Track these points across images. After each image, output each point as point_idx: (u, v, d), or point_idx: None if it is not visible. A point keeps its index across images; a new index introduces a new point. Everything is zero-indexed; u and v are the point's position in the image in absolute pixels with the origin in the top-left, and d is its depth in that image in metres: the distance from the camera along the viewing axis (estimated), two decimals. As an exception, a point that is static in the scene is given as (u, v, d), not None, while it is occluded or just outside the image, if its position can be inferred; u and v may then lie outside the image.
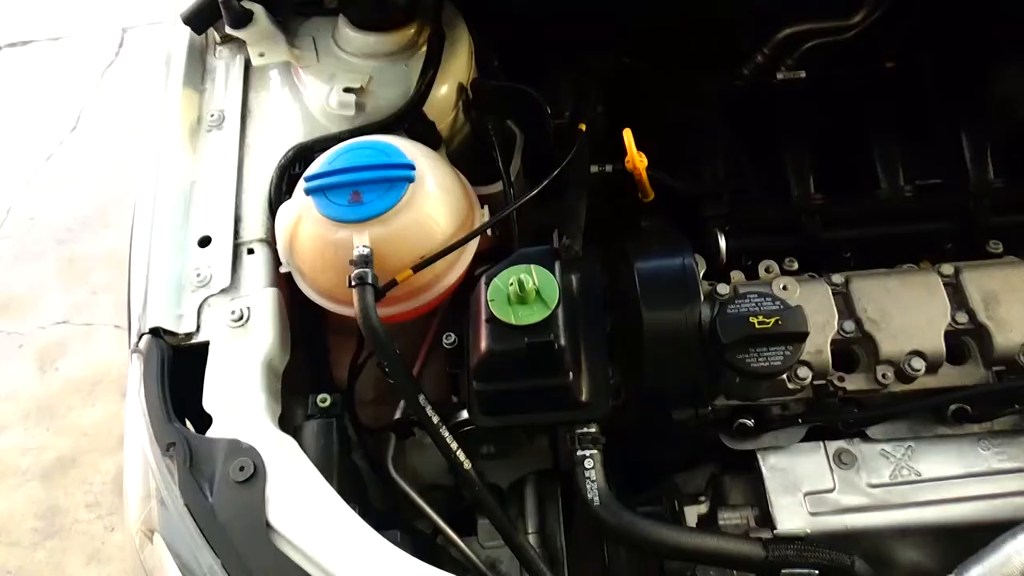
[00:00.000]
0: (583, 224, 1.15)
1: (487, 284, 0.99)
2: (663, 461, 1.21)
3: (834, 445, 1.09)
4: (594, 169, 1.28)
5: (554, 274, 0.98)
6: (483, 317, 0.97)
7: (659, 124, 1.45)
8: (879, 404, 1.08)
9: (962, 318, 1.06)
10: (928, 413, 1.08)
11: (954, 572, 0.91)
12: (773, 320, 0.98)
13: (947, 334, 1.06)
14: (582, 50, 1.46)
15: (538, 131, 1.32)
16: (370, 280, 1.00)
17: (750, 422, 1.08)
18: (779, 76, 1.41)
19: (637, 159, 1.17)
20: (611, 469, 1.13)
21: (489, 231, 1.18)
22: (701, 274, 1.13)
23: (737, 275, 1.15)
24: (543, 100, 1.28)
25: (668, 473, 1.20)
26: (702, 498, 1.13)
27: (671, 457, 1.20)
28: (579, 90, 1.40)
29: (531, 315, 0.95)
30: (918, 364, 1.04)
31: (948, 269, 1.09)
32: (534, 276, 0.96)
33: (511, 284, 0.95)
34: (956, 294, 1.08)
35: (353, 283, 1.00)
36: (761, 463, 1.09)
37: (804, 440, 1.10)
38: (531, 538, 1.21)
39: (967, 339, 1.07)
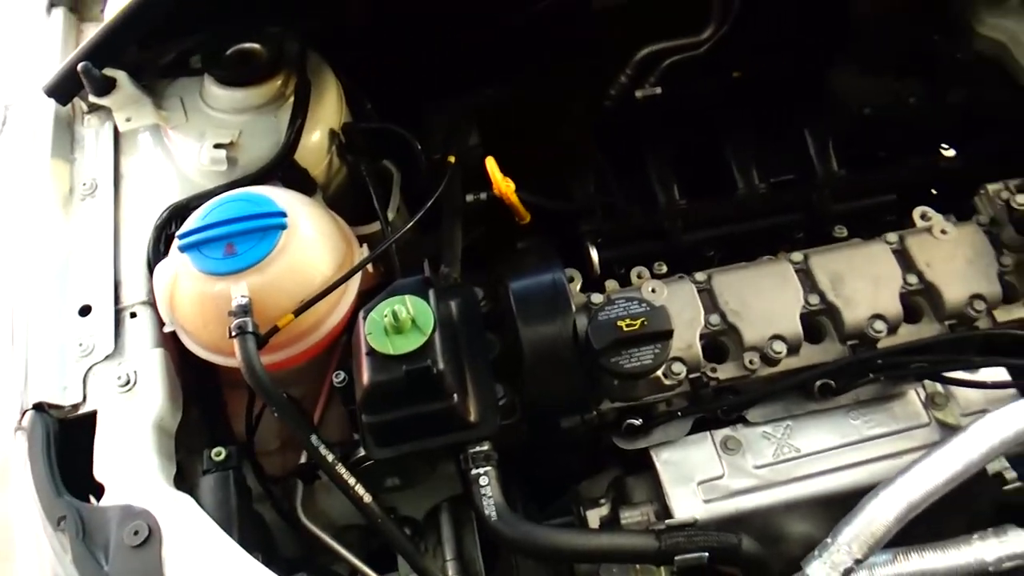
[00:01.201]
0: (459, 251, 1.20)
1: (364, 318, 1.01)
2: (566, 471, 1.25)
3: (720, 433, 1.14)
4: (470, 198, 1.33)
5: (428, 302, 1.02)
6: (363, 351, 1.00)
7: (534, 150, 1.52)
8: (751, 389, 1.14)
9: (814, 300, 1.14)
10: (798, 392, 1.15)
11: (829, 536, 0.98)
12: (640, 322, 1.04)
13: (802, 316, 1.14)
14: (453, 86, 1.52)
15: (413, 168, 1.37)
16: (250, 329, 1.02)
17: (638, 421, 1.13)
18: (638, 94, 1.49)
19: (502, 185, 1.23)
20: (515, 485, 1.17)
21: (371, 268, 1.22)
22: (578, 287, 1.19)
23: (611, 284, 1.21)
24: (412, 138, 1.33)
25: (574, 483, 1.24)
26: (603, 500, 1.16)
27: (571, 466, 1.24)
28: (451, 125, 1.45)
29: (408, 344, 0.98)
30: (780, 347, 1.12)
31: (798, 256, 1.18)
32: (409, 306, 1.00)
33: (386, 316, 0.98)
34: (807, 278, 1.16)
35: (233, 333, 1.01)
36: (655, 459, 1.13)
37: (692, 432, 1.16)
38: (451, 564, 1.22)
39: (821, 318, 1.15)
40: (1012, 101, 1.36)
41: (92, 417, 1.09)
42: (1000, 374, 1.15)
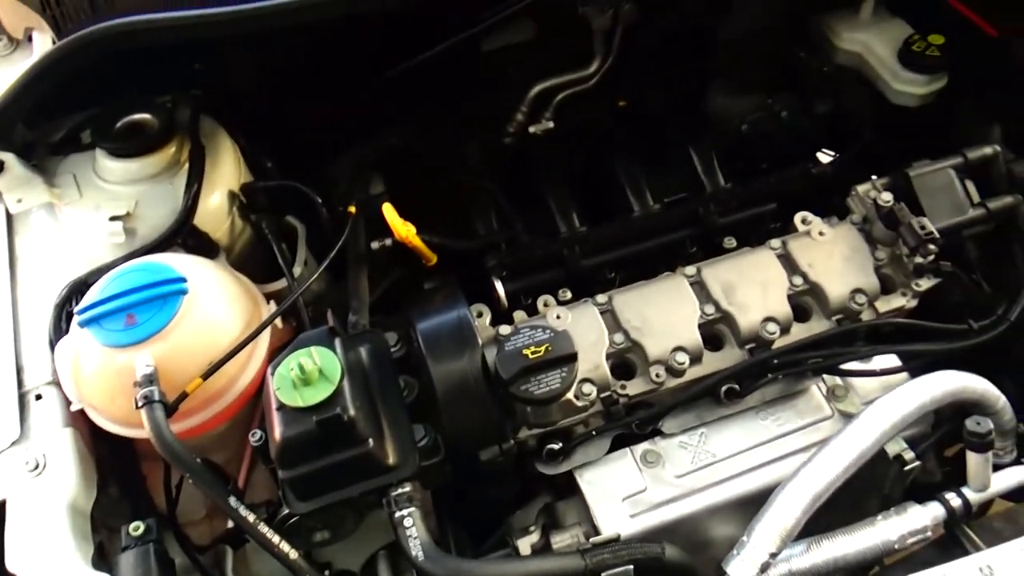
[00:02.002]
0: (367, 298, 1.22)
1: (272, 374, 1.02)
2: (498, 504, 1.27)
3: (639, 448, 1.18)
4: (375, 245, 1.35)
5: (335, 351, 1.03)
6: (274, 406, 1.00)
7: (437, 191, 1.55)
8: (662, 401, 1.18)
9: (709, 309, 1.19)
10: (707, 399, 1.20)
11: (745, 534, 1.02)
12: (544, 348, 1.07)
13: (701, 326, 1.19)
14: (352, 136, 1.55)
15: (317, 221, 1.38)
16: (157, 397, 1.01)
17: (557, 445, 1.15)
18: (531, 129, 1.55)
19: (402, 230, 1.26)
20: (448, 523, 1.18)
21: (281, 323, 1.22)
22: (487, 321, 1.22)
23: (520, 315, 1.24)
24: (312, 192, 1.34)
25: (507, 514, 1.25)
26: (532, 528, 1.18)
27: (501, 498, 1.25)
28: (353, 174, 1.48)
29: (317, 394, 0.98)
30: (682, 358, 1.16)
31: (691, 270, 1.23)
32: (315, 357, 1.00)
33: (292, 369, 0.99)
34: (701, 290, 1.22)
35: (140, 404, 1.00)
36: (578, 480, 1.16)
37: (613, 450, 1.19)
38: (393, 613, 1.22)
39: (719, 327, 1.21)
40: (872, 106, 1.47)
41: (0, 507, 1.06)
42: (891, 361, 1.22)
